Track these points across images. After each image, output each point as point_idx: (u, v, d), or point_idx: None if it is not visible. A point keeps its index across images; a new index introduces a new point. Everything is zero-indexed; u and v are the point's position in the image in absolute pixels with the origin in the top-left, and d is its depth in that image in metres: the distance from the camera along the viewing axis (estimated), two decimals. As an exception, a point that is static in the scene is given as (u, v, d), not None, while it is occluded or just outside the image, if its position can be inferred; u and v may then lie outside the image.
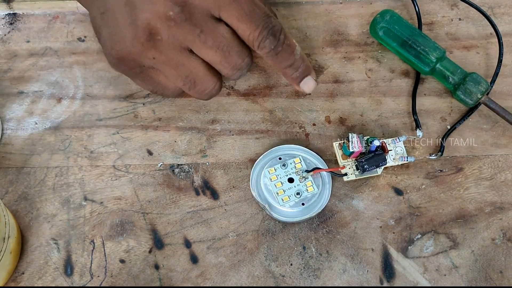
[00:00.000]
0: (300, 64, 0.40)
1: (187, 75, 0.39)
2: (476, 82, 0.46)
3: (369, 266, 0.42)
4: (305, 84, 0.41)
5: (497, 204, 0.44)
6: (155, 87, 0.42)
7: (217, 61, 0.39)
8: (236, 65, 0.39)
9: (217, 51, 0.38)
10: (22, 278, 0.42)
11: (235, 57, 0.39)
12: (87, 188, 0.45)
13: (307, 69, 0.41)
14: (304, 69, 0.40)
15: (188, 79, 0.40)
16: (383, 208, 0.44)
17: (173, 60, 0.38)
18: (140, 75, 0.41)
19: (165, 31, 0.37)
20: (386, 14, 0.49)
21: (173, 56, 0.38)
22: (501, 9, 0.53)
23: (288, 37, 0.39)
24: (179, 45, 0.38)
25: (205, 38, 0.37)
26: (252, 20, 0.37)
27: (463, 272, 0.42)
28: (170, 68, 0.39)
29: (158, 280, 0.42)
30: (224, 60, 0.38)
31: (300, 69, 0.40)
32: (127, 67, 0.40)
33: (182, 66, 0.39)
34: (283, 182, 0.43)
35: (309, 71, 0.41)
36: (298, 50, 0.40)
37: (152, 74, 0.41)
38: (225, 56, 0.38)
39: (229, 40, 0.38)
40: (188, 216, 0.44)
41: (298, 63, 0.40)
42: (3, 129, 0.47)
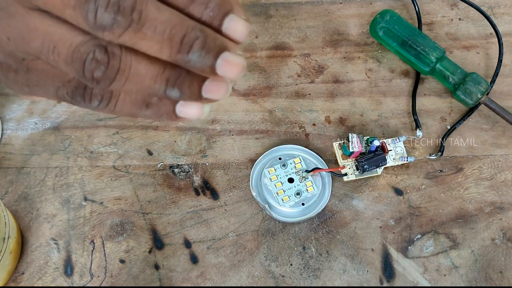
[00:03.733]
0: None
1: (43, 41, 0.25)
2: (476, 82, 0.46)
3: (369, 266, 0.42)
4: (230, 28, 0.24)
5: (497, 204, 0.44)
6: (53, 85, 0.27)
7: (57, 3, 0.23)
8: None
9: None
10: (22, 278, 0.42)
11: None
12: (87, 188, 0.45)
13: (224, 2, 0.24)
14: (218, 2, 0.23)
15: (46, 46, 0.24)
16: (383, 208, 0.44)
17: (23, 29, 0.25)
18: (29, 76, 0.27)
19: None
20: (386, 14, 0.49)
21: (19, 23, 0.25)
22: (501, 9, 0.53)
23: None
24: (18, 4, 0.25)
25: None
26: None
27: (463, 272, 0.42)
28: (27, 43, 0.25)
29: (158, 280, 0.42)
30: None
31: (212, 3, 0.23)
32: (13, 72, 0.27)
33: (34, 31, 0.25)
34: (283, 182, 0.43)
35: (229, 5, 0.24)
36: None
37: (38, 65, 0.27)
38: None
39: None
40: (188, 216, 0.44)
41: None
42: (3, 129, 0.47)
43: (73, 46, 0.23)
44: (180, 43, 0.22)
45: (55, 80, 0.26)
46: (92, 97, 0.25)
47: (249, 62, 0.50)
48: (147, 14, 0.22)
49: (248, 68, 0.50)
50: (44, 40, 0.24)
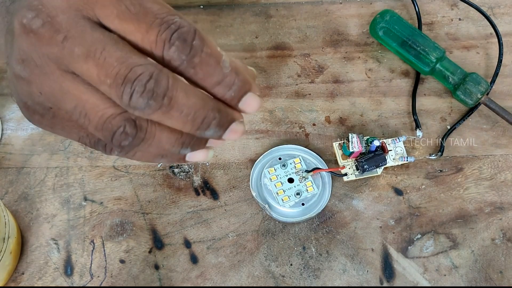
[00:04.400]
0: (234, 79, 0.27)
1: (75, 106, 0.26)
2: (476, 82, 0.46)
3: (369, 266, 0.42)
4: (246, 104, 0.28)
5: (497, 204, 0.44)
6: (77, 134, 0.29)
7: (95, 78, 0.25)
8: (121, 77, 0.24)
9: (87, 61, 0.25)
10: (22, 278, 0.42)
11: (116, 64, 0.24)
12: (87, 188, 0.45)
13: (245, 84, 0.27)
14: (240, 84, 0.27)
15: (78, 111, 0.26)
16: (383, 208, 0.44)
17: (56, 90, 0.26)
18: (55, 122, 0.28)
19: (29, 48, 0.26)
20: (386, 14, 0.49)
21: (53, 83, 0.26)
22: (501, 9, 0.53)
23: (208, 42, 0.26)
24: (54, 65, 0.26)
25: (71, 46, 0.25)
26: (140, 17, 0.25)
27: (463, 272, 0.42)
28: (59, 102, 0.27)
29: (158, 280, 0.42)
30: (101, 72, 0.25)
31: (235, 85, 0.27)
32: (39, 115, 0.28)
33: (68, 95, 0.26)
34: (283, 182, 0.43)
35: (249, 86, 0.28)
36: (226, 59, 0.27)
37: (64, 115, 0.28)
38: (99, 65, 0.25)
39: (106, 44, 0.25)
40: (188, 216, 0.44)
41: (230, 78, 0.27)
42: (3, 129, 0.47)
43: (105, 117, 0.26)
44: (200, 123, 0.26)
45: (79, 131, 0.28)
46: (113, 149, 0.28)
47: (249, 62, 0.50)
48: (176, 100, 0.25)
49: (248, 68, 0.50)
50: (76, 105, 0.26)
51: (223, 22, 0.52)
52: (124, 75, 0.24)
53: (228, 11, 0.53)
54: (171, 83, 0.25)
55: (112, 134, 0.26)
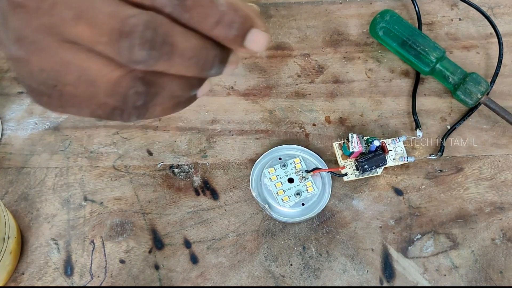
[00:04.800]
0: (233, 17, 0.25)
1: (79, 76, 0.25)
2: (476, 82, 0.46)
3: (369, 266, 0.42)
4: (251, 41, 0.26)
5: (497, 204, 0.44)
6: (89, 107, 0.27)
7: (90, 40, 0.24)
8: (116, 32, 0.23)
9: (78, 23, 0.23)
10: (22, 278, 0.42)
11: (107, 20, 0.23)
12: (87, 189, 0.45)
13: (246, 20, 0.26)
14: (241, 21, 0.25)
15: (83, 80, 0.25)
16: (383, 208, 0.44)
17: (57, 63, 0.25)
18: (63, 99, 0.27)
19: (21, 24, 0.25)
20: (386, 14, 0.49)
21: (51, 56, 0.25)
22: (501, 9, 0.53)
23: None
24: (48, 37, 0.25)
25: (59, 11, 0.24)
26: None
27: (463, 272, 0.42)
28: (62, 75, 0.26)
29: (158, 280, 0.42)
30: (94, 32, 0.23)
31: (235, 23, 0.25)
32: (46, 96, 0.27)
33: (69, 66, 0.25)
34: (283, 182, 0.43)
35: (251, 22, 0.26)
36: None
37: (72, 90, 0.27)
38: (91, 24, 0.23)
39: (93, 3, 0.24)
40: (188, 216, 0.44)
41: (229, 16, 0.25)
42: (3, 129, 0.47)
43: (112, 81, 0.25)
44: (204, 63, 0.25)
45: (90, 103, 0.26)
46: (130, 116, 0.27)
47: (249, 62, 0.50)
48: (177, 45, 0.24)
49: (248, 68, 0.50)
50: (80, 75, 0.25)
51: (223, 22, 0.52)
52: (118, 29, 0.23)
53: (228, 11, 0.53)
54: (169, 29, 0.24)
55: (124, 97, 0.25)
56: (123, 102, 0.25)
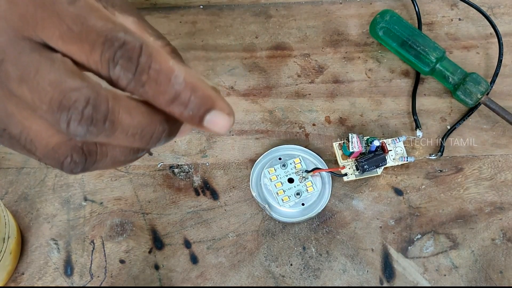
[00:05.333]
0: (190, 96, 0.24)
1: (21, 132, 0.25)
2: (476, 82, 0.46)
3: (369, 266, 0.42)
4: (210, 123, 0.25)
5: (497, 204, 0.44)
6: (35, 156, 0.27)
7: (30, 103, 0.24)
8: (55, 104, 0.23)
9: (21, 85, 0.23)
10: (22, 278, 0.42)
11: (49, 89, 0.23)
12: (87, 189, 0.45)
13: (205, 100, 0.25)
14: (198, 101, 0.24)
15: (23, 137, 0.25)
16: (383, 208, 0.44)
17: (2, 113, 0.25)
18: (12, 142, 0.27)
19: None
20: (386, 14, 0.49)
21: (0, 107, 0.25)
22: (501, 9, 0.53)
23: (157, 57, 0.24)
24: (0, 89, 0.25)
25: (7, 68, 0.24)
26: (83, 38, 0.23)
27: (463, 272, 0.42)
28: (6, 125, 0.26)
29: (158, 280, 0.42)
30: (35, 96, 0.23)
31: (192, 103, 0.24)
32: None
33: (12, 118, 0.25)
34: (283, 182, 0.43)
35: (210, 102, 0.25)
36: (179, 74, 0.24)
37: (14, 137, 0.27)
38: (33, 89, 0.23)
39: (41, 66, 0.23)
40: (188, 216, 0.44)
41: (185, 95, 0.24)
42: (3, 130, 0.47)
43: (49, 147, 0.24)
44: (150, 139, 0.25)
45: (34, 154, 0.26)
46: (71, 173, 0.26)
47: (249, 62, 0.50)
48: (120, 122, 0.23)
49: (248, 68, 0.50)
50: (21, 131, 0.25)
51: (223, 22, 0.52)
52: (58, 101, 0.22)
53: (228, 11, 0.53)
54: (111, 106, 0.23)
55: (60, 164, 0.25)
56: (60, 168, 0.25)
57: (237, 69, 0.50)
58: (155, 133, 0.25)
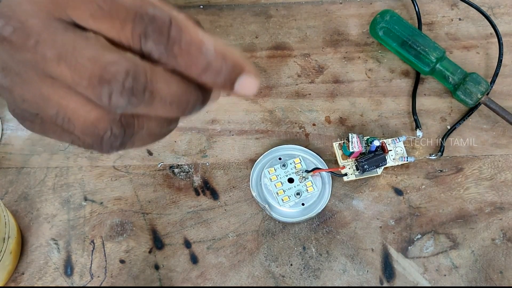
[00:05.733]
0: (221, 64, 0.25)
1: (57, 112, 0.26)
2: (476, 82, 0.46)
3: (369, 266, 0.42)
4: (241, 86, 0.26)
5: (497, 204, 0.44)
6: (69, 137, 0.28)
7: (70, 81, 0.25)
8: (96, 78, 0.24)
9: (60, 64, 0.24)
10: (22, 278, 0.42)
11: (88, 64, 0.24)
12: (87, 188, 0.45)
13: (235, 66, 0.26)
14: (230, 68, 0.26)
15: (60, 117, 0.26)
16: (383, 208, 0.44)
17: (37, 96, 0.26)
18: (45, 127, 0.28)
19: (6, 56, 0.26)
20: (386, 14, 0.49)
21: (33, 89, 0.26)
22: (501, 9, 0.53)
23: (187, 29, 0.25)
24: (31, 71, 0.26)
25: (43, 50, 0.24)
26: (113, 15, 0.24)
27: (463, 272, 0.42)
28: (42, 109, 0.27)
29: (158, 280, 0.42)
30: (74, 74, 0.24)
31: (224, 71, 0.26)
32: (29, 121, 0.28)
33: (48, 101, 0.26)
34: (283, 182, 0.43)
35: (240, 68, 0.26)
36: (209, 44, 0.25)
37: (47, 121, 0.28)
38: (72, 67, 0.24)
39: (77, 44, 0.24)
40: (188, 216, 0.44)
41: (217, 64, 0.25)
42: (3, 129, 0.47)
43: (88, 122, 0.25)
44: (185, 107, 0.26)
45: (71, 133, 0.27)
46: (108, 151, 0.27)
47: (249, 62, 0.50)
48: (158, 92, 0.24)
49: (248, 68, 0.50)
50: (58, 111, 0.25)
51: (223, 22, 0.52)
52: (99, 76, 0.23)
53: (228, 11, 0.53)
54: (149, 76, 0.24)
55: (100, 139, 0.25)
56: (99, 144, 0.26)
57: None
58: (190, 101, 0.26)
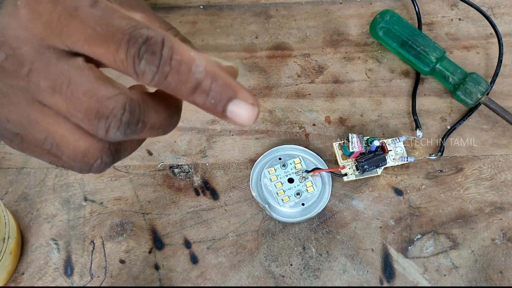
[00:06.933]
0: (210, 84, 0.24)
1: (45, 137, 0.26)
2: (476, 82, 0.46)
3: (369, 266, 0.42)
4: (233, 113, 0.24)
5: (497, 204, 0.44)
6: (48, 158, 0.28)
7: (64, 111, 0.24)
8: (92, 113, 0.24)
9: (54, 95, 0.24)
10: (22, 278, 0.42)
11: (84, 99, 0.24)
12: (87, 189, 0.45)
13: (226, 88, 0.24)
14: (218, 90, 0.24)
15: (48, 142, 0.26)
16: (383, 208, 0.44)
17: (24, 119, 0.26)
18: (24, 146, 0.28)
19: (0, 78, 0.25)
20: (386, 14, 0.49)
21: (20, 112, 0.26)
22: (501, 9, 0.53)
23: (178, 48, 0.24)
24: (21, 95, 0.25)
25: (36, 79, 0.24)
26: (108, 39, 0.24)
27: (463, 272, 0.42)
28: (28, 132, 0.26)
29: (158, 280, 0.42)
30: (69, 106, 0.24)
31: (212, 91, 0.24)
32: (8, 140, 0.27)
33: (36, 125, 0.26)
34: (283, 182, 0.43)
35: (232, 91, 0.24)
36: (199, 63, 0.24)
37: (33, 141, 0.28)
38: (67, 99, 0.24)
39: (72, 76, 0.24)
40: (188, 216, 0.44)
41: (205, 84, 0.24)
42: (3, 130, 0.47)
43: (78, 150, 0.25)
44: (169, 129, 0.26)
45: (50, 154, 0.27)
46: (91, 172, 0.27)
47: (249, 62, 0.50)
48: (148, 121, 0.25)
49: (248, 68, 0.50)
50: (46, 137, 0.25)
51: (223, 22, 0.52)
52: (95, 110, 0.23)
53: (228, 11, 0.53)
54: (142, 108, 0.24)
55: (89, 167, 0.26)
56: (87, 171, 0.26)
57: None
58: (174, 123, 0.26)
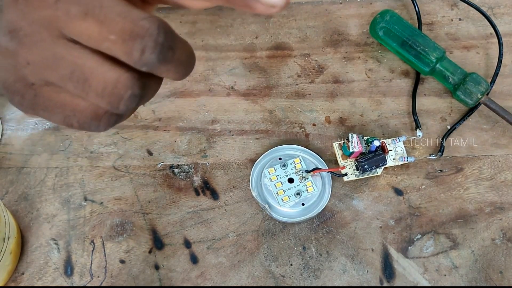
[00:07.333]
0: None
1: (72, 72, 0.24)
2: (476, 82, 0.46)
3: (369, 266, 0.42)
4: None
5: (497, 204, 0.44)
6: (63, 113, 0.26)
7: (96, 35, 0.23)
8: (127, 33, 0.23)
9: (86, 19, 0.23)
10: (22, 278, 0.42)
11: (119, 19, 0.23)
12: (87, 188, 0.45)
13: None
14: None
15: (75, 76, 0.24)
16: (383, 208, 0.44)
17: (48, 57, 0.25)
18: (37, 101, 0.26)
19: (18, 16, 0.24)
20: (386, 14, 0.49)
21: (44, 50, 0.24)
22: (501, 9, 0.53)
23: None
24: (45, 31, 0.24)
25: (65, 6, 0.23)
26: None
27: (463, 272, 0.42)
28: (51, 70, 0.25)
29: (158, 280, 0.42)
30: (103, 29, 0.23)
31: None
32: (19, 95, 0.26)
33: (62, 61, 0.24)
34: (283, 182, 0.43)
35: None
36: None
37: (47, 93, 0.26)
38: (100, 21, 0.23)
39: (102, 2, 0.23)
40: (188, 216, 0.44)
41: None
42: (3, 129, 0.47)
43: (109, 81, 0.24)
44: (190, 70, 0.26)
45: (64, 109, 0.26)
46: (109, 123, 0.26)
47: (249, 62, 0.50)
48: (177, 49, 0.24)
49: (248, 68, 0.50)
50: (73, 70, 0.24)
51: (223, 22, 0.52)
52: (131, 30, 0.22)
53: (228, 11, 0.53)
54: (173, 34, 0.24)
55: (119, 99, 0.24)
56: (116, 105, 0.24)
57: (237, 69, 0.50)
58: (191, 65, 0.25)
